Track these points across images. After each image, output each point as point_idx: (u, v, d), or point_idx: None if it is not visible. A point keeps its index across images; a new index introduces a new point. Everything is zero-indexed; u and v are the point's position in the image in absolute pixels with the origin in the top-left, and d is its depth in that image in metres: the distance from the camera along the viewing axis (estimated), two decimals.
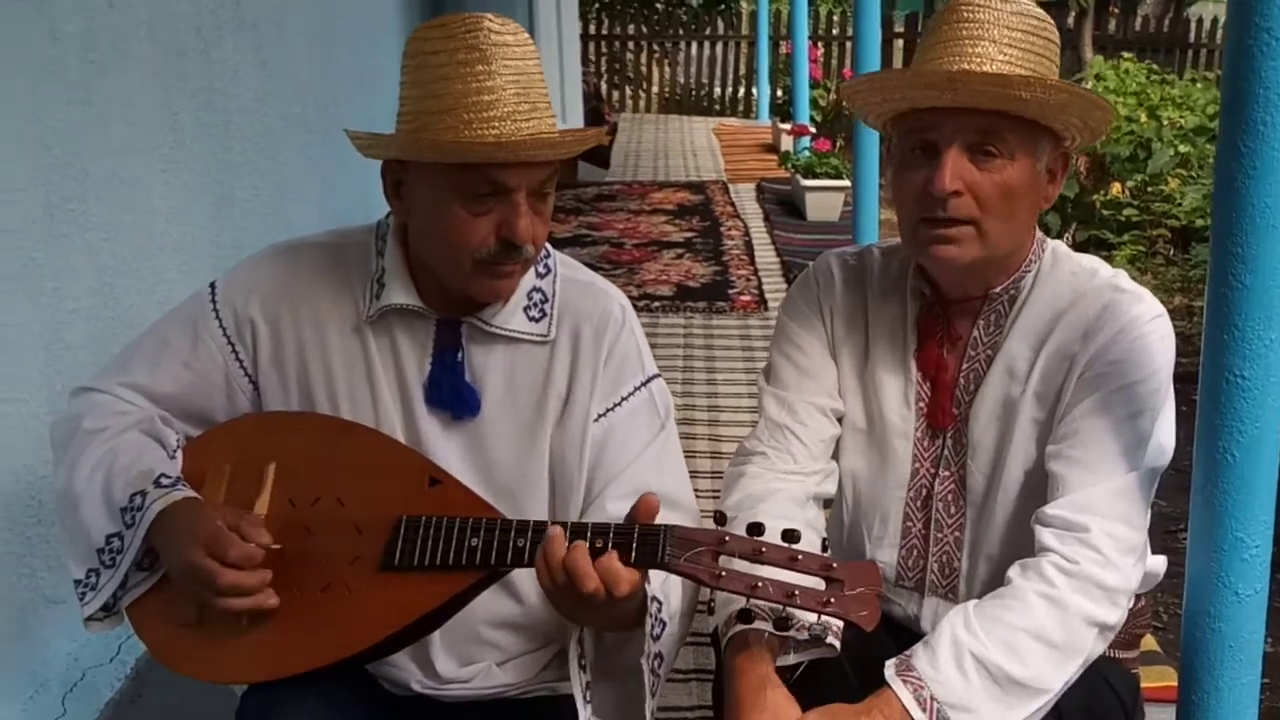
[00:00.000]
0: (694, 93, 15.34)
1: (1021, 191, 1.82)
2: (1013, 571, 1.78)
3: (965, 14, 1.80)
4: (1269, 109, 1.59)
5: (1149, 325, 1.83)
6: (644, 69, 15.31)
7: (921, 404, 1.99)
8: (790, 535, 1.57)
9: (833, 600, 1.55)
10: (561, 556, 1.62)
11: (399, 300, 1.87)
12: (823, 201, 7.10)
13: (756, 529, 1.59)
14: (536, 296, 1.93)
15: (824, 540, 1.62)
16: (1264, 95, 1.58)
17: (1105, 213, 8.70)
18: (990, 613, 1.73)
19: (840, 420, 2.05)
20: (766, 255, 6.45)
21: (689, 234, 6.82)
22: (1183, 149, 8.60)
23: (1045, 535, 1.78)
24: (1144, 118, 9.04)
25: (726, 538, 1.59)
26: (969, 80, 1.74)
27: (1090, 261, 1.94)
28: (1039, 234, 1.95)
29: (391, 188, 1.85)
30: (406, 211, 1.84)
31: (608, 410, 1.93)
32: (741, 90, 15.14)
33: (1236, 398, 1.68)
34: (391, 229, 1.92)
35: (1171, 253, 8.29)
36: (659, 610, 1.70)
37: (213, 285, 1.98)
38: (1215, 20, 15.27)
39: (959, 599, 1.97)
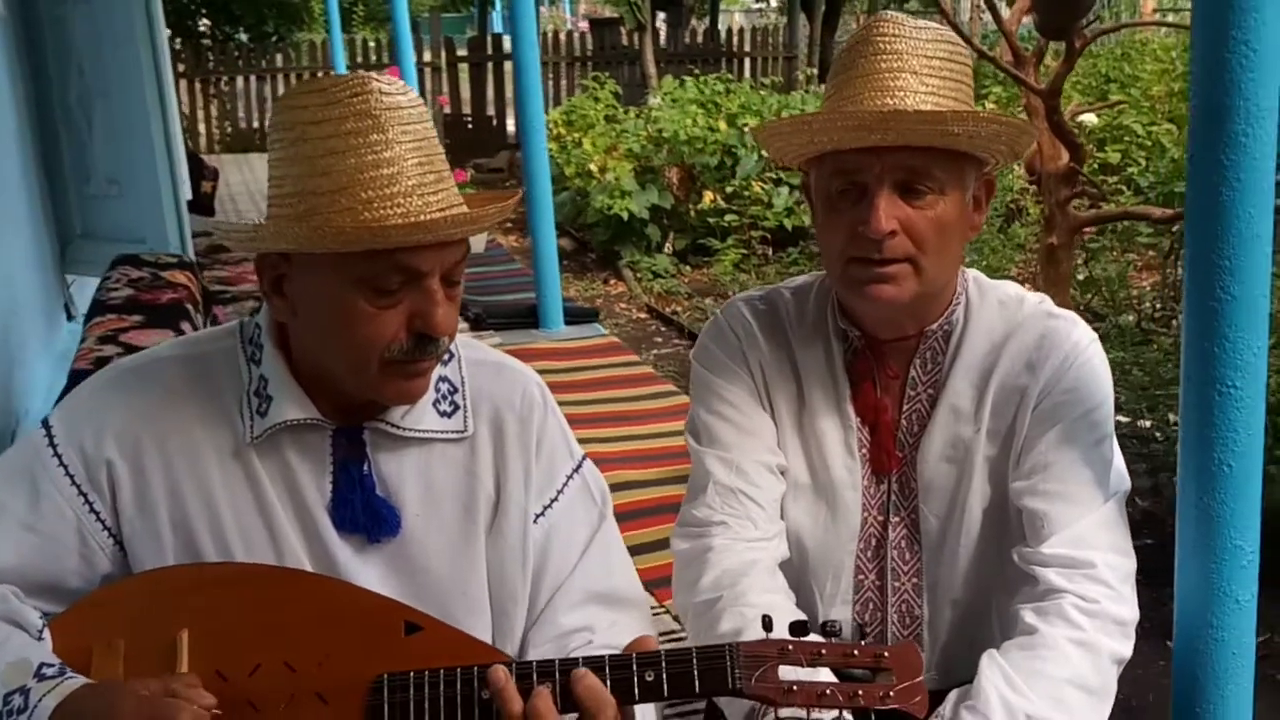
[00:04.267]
0: (254, 130, 14.67)
1: (954, 225, 1.76)
2: (1031, 617, 1.73)
3: (881, 45, 1.72)
4: (1250, 121, 1.60)
5: (1092, 350, 1.84)
6: (197, 108, 14.42)
7: (864, 450, 1.89)
8: (830, 628, 1.47)
9: (891, 694, 1.46)
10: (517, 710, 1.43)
11: (292, 415, 1.59)
12: None
13: (800, 628, 1.47)
14: (444, 387, 1.69)
15: (861, 626, 1.50)
16: (1244, 107, 1.60)
17: (700, 221, 9.06)
18: (1028, 665, 1.69)
19: (783, 475, 1.93)
20: None
21: None
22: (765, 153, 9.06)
23: (1051, 575, 1.75)
24: (724, 127, 9.46)
25: (789, 646, 1.46)
26: (902, 119, 1.66)
27: (1012, 288, 1.92)
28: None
29: (270, 284, 1.56)
30: (291, 311, 1.56)
31: (546, 507, 1.72)
32: None
33: (1230, 408, 1.69)
34: (265, 331, 1.62)
35: (770, 253, 8.71)
36: None
37: (46, 425, 1.61)
38: (741, 30, 16.45)
39: (924, 646, 1.91)
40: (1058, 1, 4.20)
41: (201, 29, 15.44)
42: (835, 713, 1.47)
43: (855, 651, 1.45)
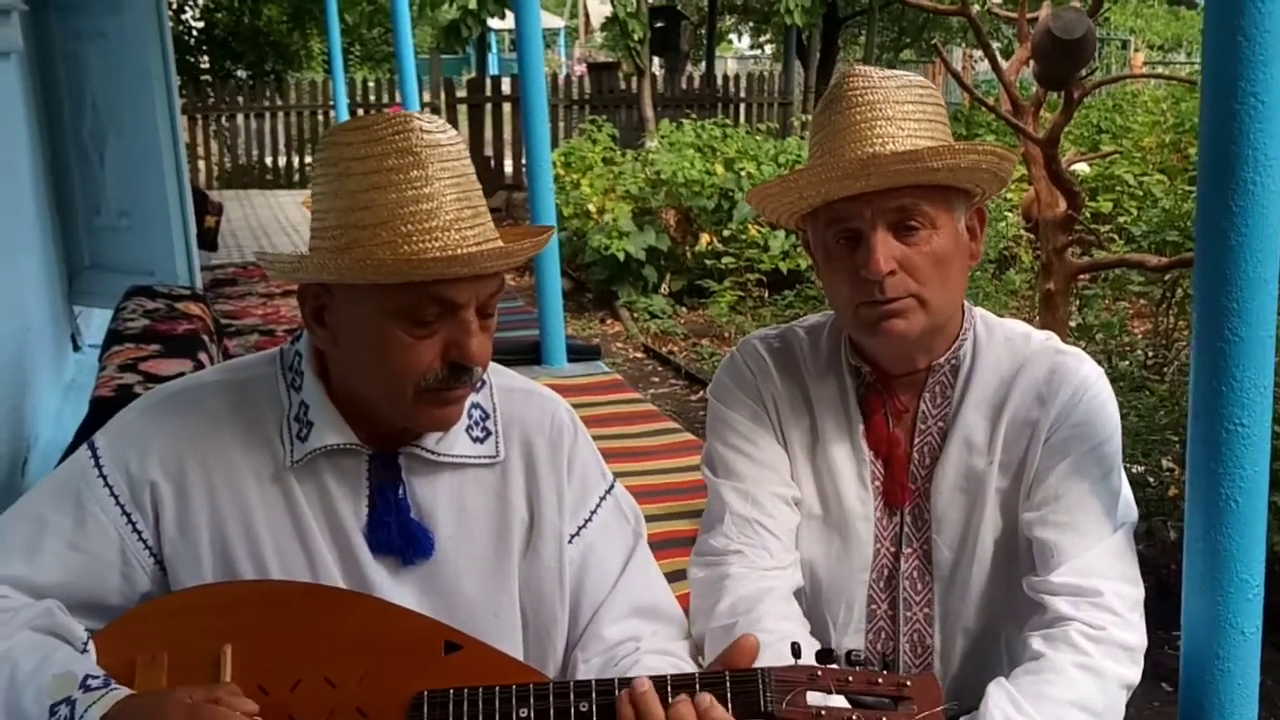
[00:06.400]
0: (254, 165, 14.78)
1: (951, 256, 1.82)
2: (1038, 644, 1.78)
3: (854, 98, 1.79)
4: (1259, 169, 1.66)
5: (1100, 385, 1.90)
6: (197, 144, 14.54)
7: (877, 483, 1.95)
8: (855, 658, 1.52)
9: None
10: (661, 715, 1.46)
11: (332, 440, 1.63)
12: None
13: (826, 656, 1.52)
14: (476, 414, 1.73)
15: (884, 656, 1.56)
16: (1253, 156, 1.66)
17: (696, 263, 9.14)
18: (1034, 689, 1.73)
19: (796, 507, 1.98)
20: None
21: None
22: None
23: (1059, 604, 1.79)
24: (721, 170, 9.56)
25: (819, 672, 1.51)
26: (881, 162, 1.73)
27: (1019, 326, 1.98)
28: (965, 302, 1.96)
29: (311, 313, 1.61)
30: (332, 340, 1.60)
31: (580, 528, 1.77)
32: (296, 161, 14.76)
33: (1237, 445, 1.74)
34: (306, 359, 1.67)
35: (766, 295, 8.78)
36: None
37: (92, 446, 1.65)
38: (737, 76, 16.63)
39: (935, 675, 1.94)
40: (1057, 53, 4.28)
41: (202, 65, 15.59)
42: None
43: (879, 680, 1.50)
